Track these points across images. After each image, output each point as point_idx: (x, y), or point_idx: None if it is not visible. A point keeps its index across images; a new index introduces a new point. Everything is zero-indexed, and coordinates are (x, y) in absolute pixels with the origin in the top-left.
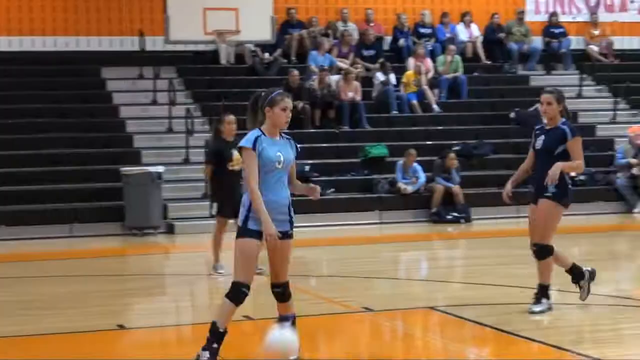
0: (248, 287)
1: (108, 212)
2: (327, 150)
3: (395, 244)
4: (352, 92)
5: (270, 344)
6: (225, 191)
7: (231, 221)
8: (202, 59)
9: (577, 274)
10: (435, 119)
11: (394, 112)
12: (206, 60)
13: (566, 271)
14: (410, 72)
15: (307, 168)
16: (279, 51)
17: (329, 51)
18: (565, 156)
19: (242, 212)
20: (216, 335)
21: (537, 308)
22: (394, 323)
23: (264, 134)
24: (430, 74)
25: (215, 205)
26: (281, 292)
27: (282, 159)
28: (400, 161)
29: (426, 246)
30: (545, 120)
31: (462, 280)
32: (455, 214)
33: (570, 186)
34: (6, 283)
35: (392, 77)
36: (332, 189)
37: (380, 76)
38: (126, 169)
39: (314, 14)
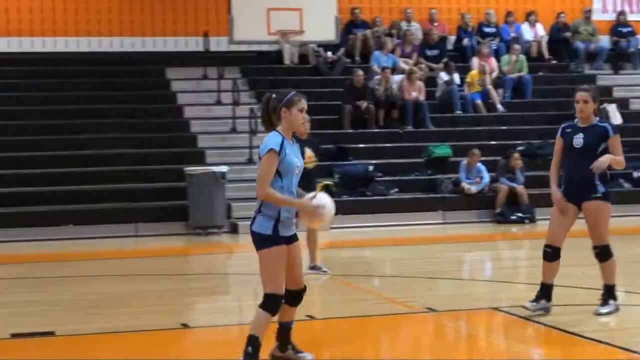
0: (282, 296)
1: (172, 211)
2: (390, 150)
3: (458, 245)
4: (416, 92)
5: (326, 205)
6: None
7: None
8: (265, 59)
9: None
10: (500, 119)
11: (458, 112)
12: (270, 60)
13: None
14: (474, 72)
15: (370, 168)
16: (342, 51)
17: (392, 51)
18: (605, 154)
19: (265, 220)
20: (258, 349)
21: (604, 310)
22: (457, 324)
23: (284, 137)
24: (495, 74)
25: None
26: (301, 296)
27: (299, 163)
28: (464, 161)
29: (490, 246)
30: (578, 118)
31: (526, 281)
32: (520, 214)
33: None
34: (72, 282)
35: (456, 77)
36: (396, 189)
37: (444, 76)
38: (190, 169)
39: (378, 14)
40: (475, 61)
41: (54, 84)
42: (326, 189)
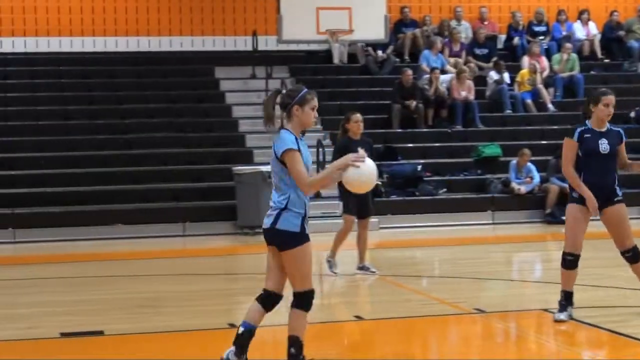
0: (314, 291)
1: (220, 211)
2: (439, 150)
3: (508, 245)
4: (465, 91)
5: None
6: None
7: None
8: (314, 58)
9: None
10: (550, 118)
11: (508, 111)
12: (318, 59)
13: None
14: (524, 71)
15: (419, 167)
16: (391, 50)
17: (442, 50)
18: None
19: (293, 217)
20: (301, 350)
21: None
22: (506, 325)
23: (295, 135)
24: (546, 73)
25: (341, 204)
26: (277, 302)
27: (310, 162)
28: (514, 161)
29: (540, 247)
30: (592, 122)
31: (577, 282)
32: None
33: None
34: (120, 281)
35: (506, 76)
36: (444, 189)
37: (494, 75)
38: (238, 168)
39: (428, 13)
40: (525, 60)
41: (102, 84)
42: (375, 189)
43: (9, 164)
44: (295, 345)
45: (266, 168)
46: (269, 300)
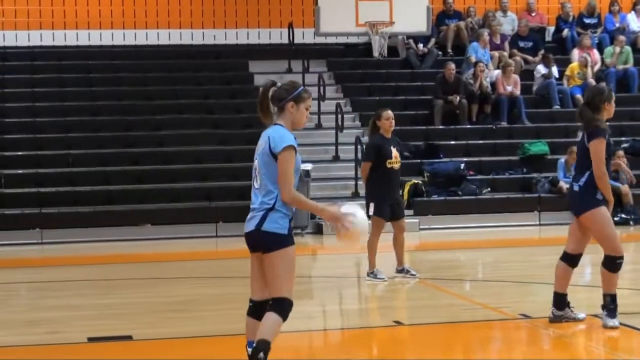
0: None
1: None
2: (483, 147)
3: (555, 247)
4: (511, 86)
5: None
6: (383, 191)
7: (388, 223)
8: (353, 51)
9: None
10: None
11: (556, 106)
12: (357, 53)
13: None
14: (574, 64)
15: (462, 166)
16: (433, 43)
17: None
18: None
19: (281, 218)
20: (268, 354)
21: None
22: (553, 331)
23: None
24: (597, 66)
25: (371, 205)
26: (265, 308)
27: (300, 168)
28: (562, 159)
29: (590, 249)
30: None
31: (630, 287)
32: (624, 216)
33: None
34: (150, 284)
35: (555, 70)
36: (488, 189)
37: (541, 69)
38: None
39: (472, 4)
40: (575, 53)
41: (132, 79)
42: (415, 188)
43: (36, 162)
44: (265, 349)
45: (303, 166)
46: (261, 310)
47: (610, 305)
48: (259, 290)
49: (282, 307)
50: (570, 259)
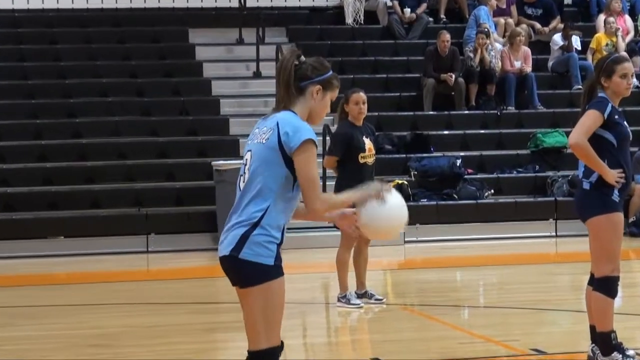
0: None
1: (195, 219)
2: (485, 139)
3: (575, 265)
4: (520, 61)
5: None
6: None
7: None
8: (320, 17)
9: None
10: (635, 97)
11: (577, 87)
12: (326, 19)
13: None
14: (600, 35)
15: (458, 162)
16: (423, 7)
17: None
18: None
19: (267, 242)
20: None
21: None
22: None
23: None
24: (629, 37)
25: None
26: None
27: None
28: None
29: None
30: (614, 98)
31: None
32: None
33: None
34: (64, 313)
35: (576, 41)
36: (491, 191)
37: (559, 40)
38: (220, 163)
39: None
40: (601, 20)
41: (38, 51)
42: (398, 189)
43: None
44: None
45: None
46: None
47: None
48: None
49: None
50: None
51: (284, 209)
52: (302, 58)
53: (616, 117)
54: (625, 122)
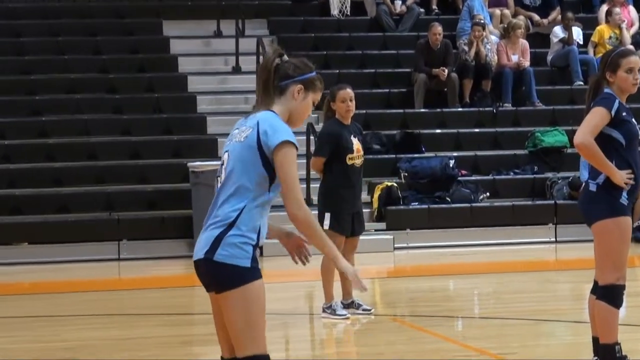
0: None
1: (170, 224)
2: (480, 138)
3: (576, 273)
4: (518, 55)
5: None
6: (342, 196)
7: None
8: (303, 9)
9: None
10: None
11: (578, 82)
12: (310, 10)
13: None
14: (603, 26)
15: (451, 163)
16: None
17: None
18: None
19: (243, 244)
20: None
21: None
22: None
23: None
24: (635, 28)
25: (327, 216)
26: None
27: None
28: None
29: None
30: (620, 94)
31: None
32: None
33: None
34: (29, 325)
35: (577, 33)
36: (486, 194)
37: (559, 32)
38: (196, 164)
39: None
40: (604, 11)
41: (1, 45)
42: (388, 193)
43: None
44: None
45: None
46: None
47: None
48: (226, 343)
49: None
50: None
51: (260, 210)
52: (285, 57)
53: (624, 114)
54: (633, 120)
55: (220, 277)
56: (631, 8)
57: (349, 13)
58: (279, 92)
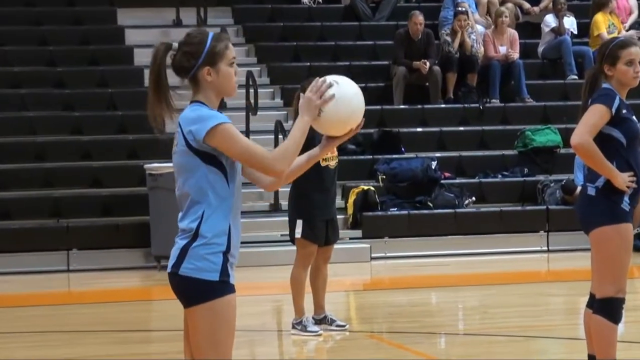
0: None
1: (125, 233)
2: (465, 137)
3: (570, 285)
4: (506, 46)
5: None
6: (315, 201)
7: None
8: None
9: None
10: None
11: (572, 76)
12: None
13: None
14: (599, 15)
15: (433, 165)
16: None
17: None
18: None
19: (209, 254)
20: None
21: None
22: None
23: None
24: (633, 17)
25: (299, 224)
26: None
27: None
28: None
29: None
30: (620, 90)
31: None
32: None
33: None
34: None
35: (570, 23)
36: (472, 199)
37: (550, 21)
38: (153, 166)
39: None
40: None
41: None
42: (364, 197)
43: None
44: None
45: None
46: None
47: None
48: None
49: None
50: None
51: (223, 210)
52: (174, 45)
53: (624, 111)
54: (634, 117)
55: (186, 291)
56: None
57: (321, 0)
58: (194, 83)
